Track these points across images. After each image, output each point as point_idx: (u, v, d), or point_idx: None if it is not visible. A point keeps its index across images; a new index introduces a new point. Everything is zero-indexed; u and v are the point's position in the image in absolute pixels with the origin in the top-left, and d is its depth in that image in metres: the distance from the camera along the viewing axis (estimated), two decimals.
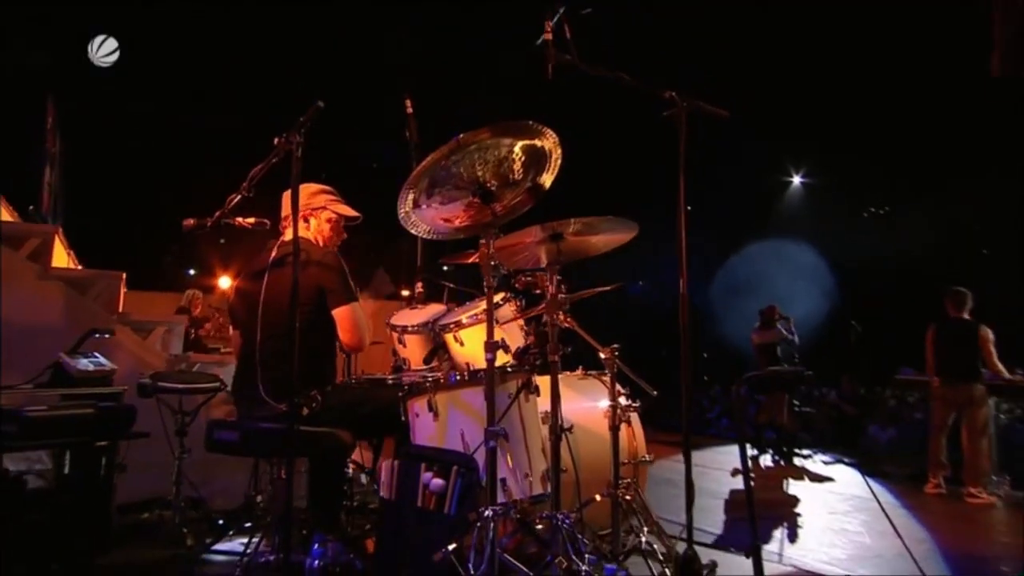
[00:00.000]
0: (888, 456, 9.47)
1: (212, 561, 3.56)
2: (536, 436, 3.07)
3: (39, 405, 3.14)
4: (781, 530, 6.16)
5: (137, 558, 3.63)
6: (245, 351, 3.39)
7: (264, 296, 3.32)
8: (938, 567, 5.41)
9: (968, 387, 7.21)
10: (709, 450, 10.28)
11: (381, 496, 3.03)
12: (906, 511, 6.90)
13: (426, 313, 4.25)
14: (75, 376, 3.44)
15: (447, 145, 2.89)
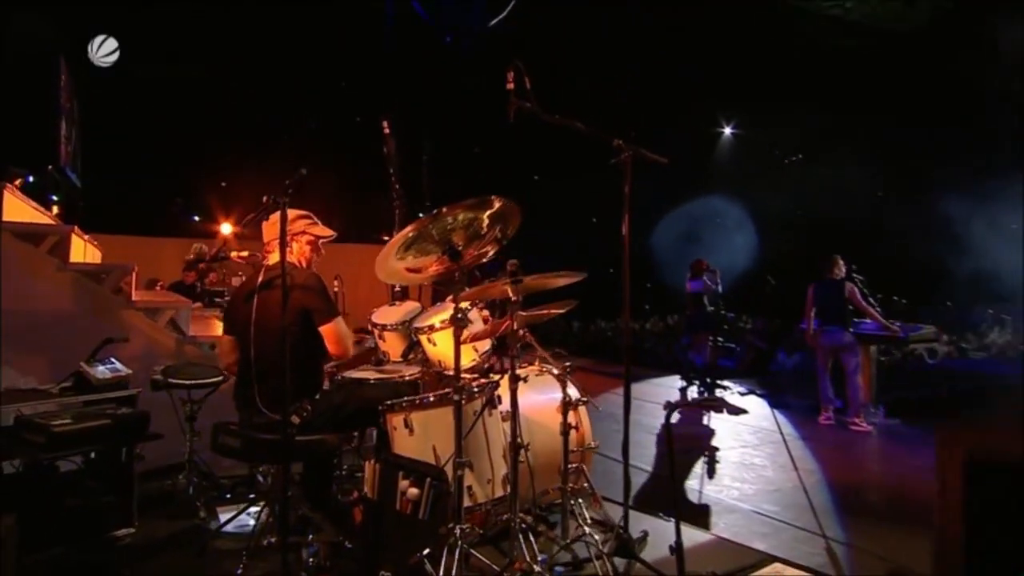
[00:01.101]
0: (792, 385, 9.70)
1: (223, 534, 3.59)
2: (498, 444, 3.14)
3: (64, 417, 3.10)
4: (701, 465, 6.36)
5: (157, 532, 3.62)
6: (242, 365, 3.36)
7: (255, 317, 3.27)
8: (824, 498, 5.61)
9: (838, 334, 7.57)
10: (646, 382, 10.42)
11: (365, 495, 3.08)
12: (803, 442, 7.15)
13: (403, 311, 4.23)
14: (95, 383, 3.41)
15: (428, 216, 2.93)
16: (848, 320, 7.54)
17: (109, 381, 3.44)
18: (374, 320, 4.14)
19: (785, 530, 4.87)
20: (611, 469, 3.82)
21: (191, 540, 3.58)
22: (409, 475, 2.87)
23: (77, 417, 3.12)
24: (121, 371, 3.54)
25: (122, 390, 3.50)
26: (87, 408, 3.28)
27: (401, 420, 3.01)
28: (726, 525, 4.95)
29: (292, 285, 3.16)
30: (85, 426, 3.08)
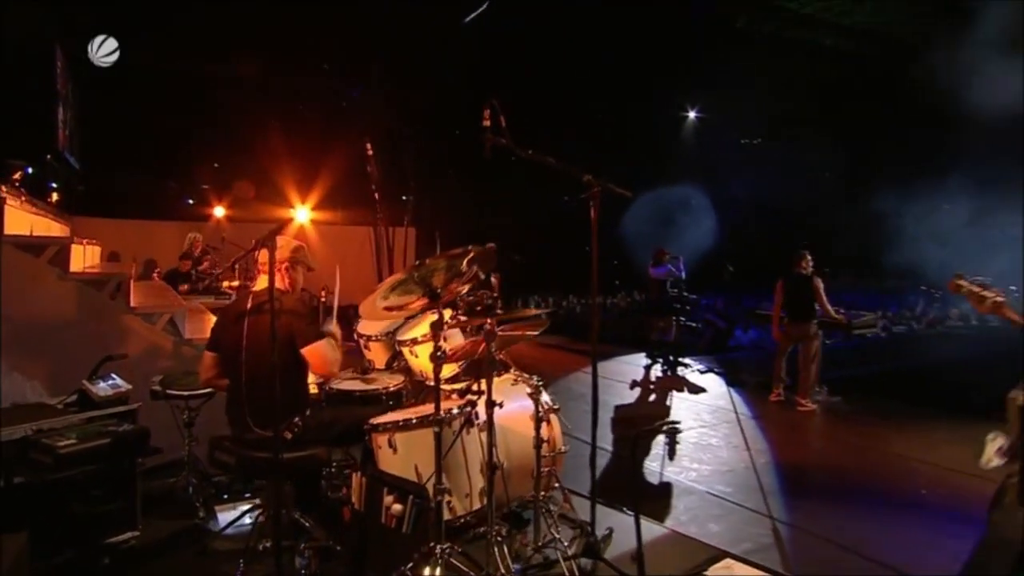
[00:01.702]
0: (747, 362, 9.85)
1: (222, 535, 3.61)
2: (475, 459, 3.17)
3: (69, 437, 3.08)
4: (662, 446, 6.45)
5: (159, 534, 3.62)
6: (232, 385, 3.32)
7: (247, 342, 3.23)
8: (772, 478, 5.71)
9: (805, 325, 7.64)
10: (614, 359, 10.49)
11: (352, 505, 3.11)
12: (755, 421, 7.29)
13: (387, 321, 4.22)
14: (97, 400, 3.38)
15: (412, 265, 3.02)
16: (814, 312, 7.64)
17: (110, 398, 3.42)
18: (360, 331, 4.14)
19: (736, 512, 4.99)
20: (581, 452, 3.83)
21: (192, 541, 3.60)
22: (393, 491, 2.90)
23: (82, 437, 3.08)
24: (121, 387, 3.52)
25: (123, 405, 3.46)
26: (91, 426, 3.23)
27: (386, 440, 3.04)
28: (684, 508, 5.07)
29: (280, 310, 3.14)
30: (89, 446, 3.05)
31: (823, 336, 8.06)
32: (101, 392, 3.40)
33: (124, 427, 3.27)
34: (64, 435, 3.11)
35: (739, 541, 4.54)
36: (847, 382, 8.36)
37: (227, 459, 3.15)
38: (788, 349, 7.86)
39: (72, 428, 3.20)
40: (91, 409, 3.36)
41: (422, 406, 3.38)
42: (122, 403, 3.46)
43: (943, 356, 10.03)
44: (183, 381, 3.87)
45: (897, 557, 4.27)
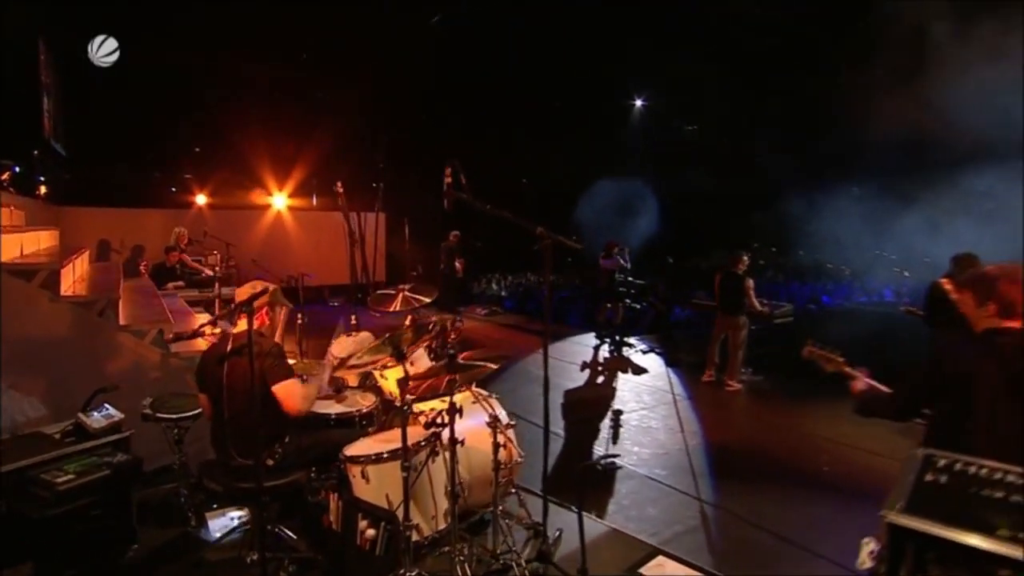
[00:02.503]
0: (684, 342, 10.07)
1: (214, 544, 3.64)
2: (440, 483, 3.25)
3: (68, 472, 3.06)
4: (607, 430, 6.63)
5: (154, 544, 3.61)
6: (216, 420, 3.32)
7: (227, 382, 3.23)
8: (702, 459, 5.90)
9: (735, 318, 7.89)
10: (566, 340, 10.62)
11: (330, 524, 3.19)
12: (689, 402, 7.52)
13: (358, 342, 4.24)
14: (92, 432, 3.36)
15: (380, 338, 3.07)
16: (743, 306, 7.87)
17: (105, 428, 3.39)
18: (333, 352, 4.15)
19: (671, 495, 5.19)
20: (536, 438, 3.80)
21: (186, 551, 3.61)
22: (367, 516, 2.99)
23: (80, 471, 3.07)
24: (114, 416, 3.49)
25: (117, 433, 3.45)
26: (88, 459, 3.21)
27: (359, 471, 3.10)
28: (627, 491, 5.22)
29: (259, 354, 3.16)
30: (87, 480, 3.04)
31: (749, 324, 8.33)
32: (95, 424, 3.37)
33: (119, 458, 3.25)
34: (63, 469, 3.09)
35: (672, 523, 4.75)
36: (766, 359, 8.62)
37: (216, 487, 3.18)
38: (721, 337, 8.13)
39: (70, 460, 3.18)
40: (87, 440, 3.33)
41: (391, 431, 3.43)
42: (116, 431, 3.44)
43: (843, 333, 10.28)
44: (172, 403, 3.85)
45: (802, 534, 4.48)
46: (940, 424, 2.78)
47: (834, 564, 4.17)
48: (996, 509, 1.70)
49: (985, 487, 1.77)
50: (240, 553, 3.41)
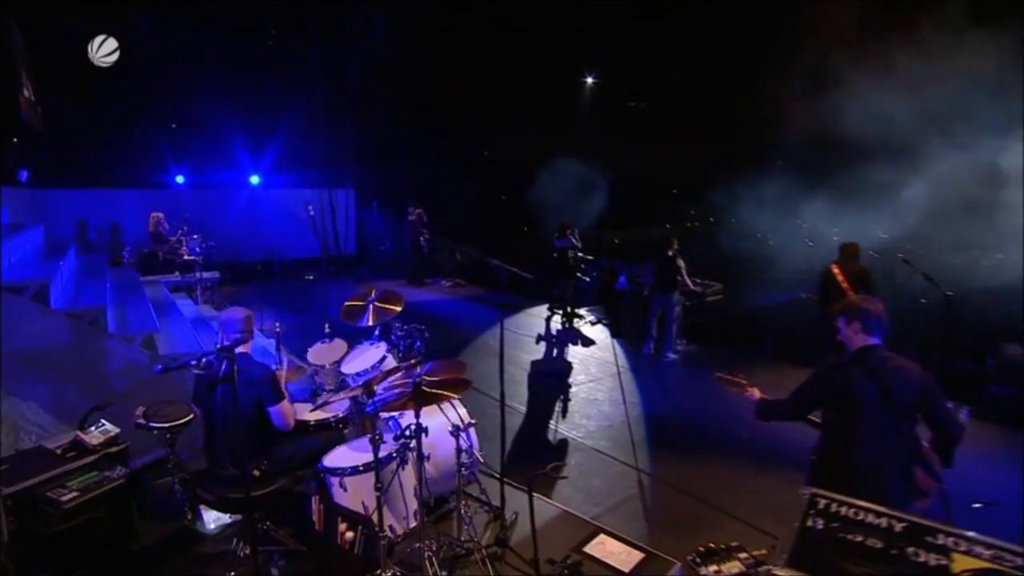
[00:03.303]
0: (627, 312, 10.24)
1: (209, 537, 3.73)
2: (410, 486, 3.40)
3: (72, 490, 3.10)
4: (559, 404, 6.85)
5: (154, 538, 3.66)
6: (208, 435, 3.38)
7: (219, 407, 3.28)
8: (642, 430, 6.16)
9: (668, 295, 8.18)
10: (523, 313, 10.77)
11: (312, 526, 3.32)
12: (632, 374, 7.81)
13: (333, 351, 4.30)
14: (91, 447, 3.38)
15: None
16: (676, 286, 8.14)
17: (103, 443, 3.42)
18: (310, 360, 4.21)
19: (614, 465, 5.44)
20: (496, 412, 3.95)
21: (184, 544, 3.69)
22: (346, 520, 3.14)
23: (83, 488, 3.11)
24: (111, 431, 3.50)
25: (115, 446, 3.48)
26: (89, 475, 3.23)
27: (337, 481, 3.23)
28: (576, 464, 5.44)
29: (251, 381, 3.23)
30: (90, 497, 3.09)
31: (683, 300, 8.63)
32: (94, 440, 3.39)
33: (119, 471, 3.30)
34: (66, 486, 3.13)
35: (614, 493, 5.02)
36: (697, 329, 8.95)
37: (209, 497, 3.27)
38: (657, 313, 8.41)
39: (72, 476, 3.21)
40: (87, 455, 3.36)
41: (365, 438, 3.52)
42: (114, 445, 3.47)
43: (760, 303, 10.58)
44: (164, 412, 3.86)
45: (720, 498, 4.80)
46: (830, 431, 3.09)
47: (746, 524, 4.52)
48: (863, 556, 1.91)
49: (855, 532, 1.97)
50: (234, 546, 3.52)
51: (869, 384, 2.94)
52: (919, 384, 2.98)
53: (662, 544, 4.16)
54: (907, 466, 3.03)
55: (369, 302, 4.29)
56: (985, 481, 5.07)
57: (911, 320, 9.00)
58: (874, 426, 2.92)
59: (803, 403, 3.12)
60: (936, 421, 2.99)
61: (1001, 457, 5.65)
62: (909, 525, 1.90)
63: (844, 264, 6.30)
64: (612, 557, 3.55)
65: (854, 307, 3.08)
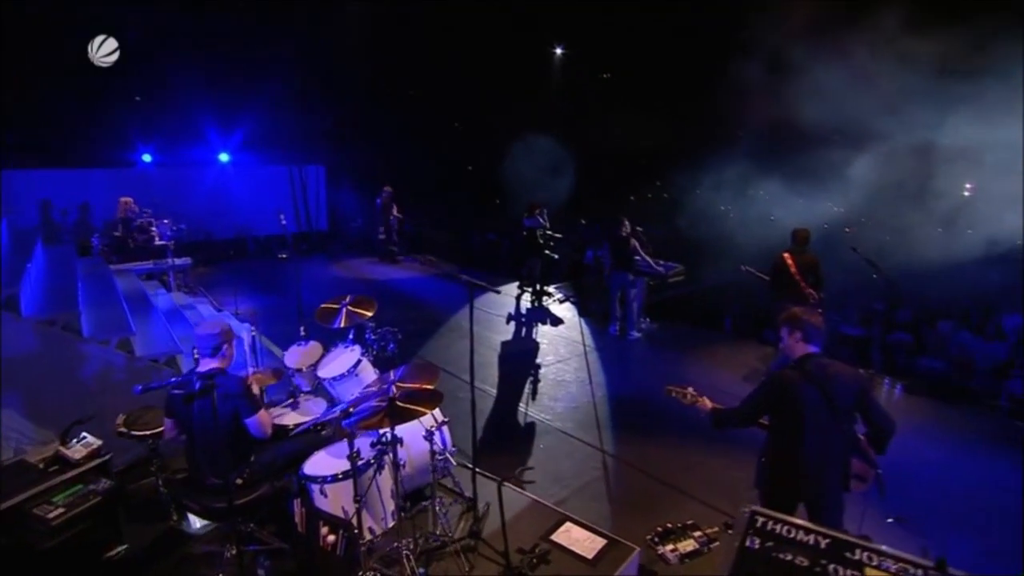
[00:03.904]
0: (593, 289, 10.39)
1: (196, 537, 3.77)
2: (387, 487, 3.49)
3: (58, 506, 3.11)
4: (528, 385, 6.99)
5: (141, 541, 3.67)
6: (188, 448, 3.39)
7: (196, 422, 3.28)
8: (607, 411, 6.32)
9: (624, 274, 8.33)
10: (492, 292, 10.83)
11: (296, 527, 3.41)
12: (597, 353, 7.99)
13: (309, 353, 4.31)
14: (73, 462, 3.38)
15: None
16: (632, 265, 8.28)
17: (86, 457, 3.41)
18: (287, 363, 4.22)
19: (580, 449, 5.59)
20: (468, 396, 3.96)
21: (172, 546, 3.71)
22: (327, 524, 3.23)
23: (69, 504, 3.11)
24: (93, 443, 3.48)
25: (98, 459, 3.47)
26: (74, 489, 3.23)
27: (318, 488, 3.30)
28: (544, 447, 5.61)
29: (227, 395, 3.24)
30: (77, 512, 3.10)
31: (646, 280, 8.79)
32: (76, 454, 3.38)
33: (103, 484, 3.31)
34: (52, 502, 3.13)
35: (580, 475, 5.20)
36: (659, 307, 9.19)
37: (194, 507, 3.32)
38: (618, 292, 8.57)
39: (57, 491, 3.21)
40: (71, 469, 3.35)
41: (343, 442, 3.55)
42: (96, 457, 3.47)
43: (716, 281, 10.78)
44: (144, 419, 3.86)
45: (678, 478, 5.03)
46: (777, 434, 3.28)
47: (701, 503, 4.78)
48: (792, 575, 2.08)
49: (787, 551, 2.14)
50: (221, 547, 3.58)
51: (812, 390, 3.12)
52: (856, 387, 3.18)
53: (624, 526, 4.39)
54: (847, 460, 3.25)
55: (343, 306, 4.30)
56: (916, 455, 5.45)
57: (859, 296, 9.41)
58: (818, 428, 3.12)
59: (754, 411, 3.29)
60: (872, 418, 3.20)
61: (931, 430, 6.00)
62: (832, 541, 2.07)
63: (796, 253, 6.48)
64: (577, 544, 3.73)
65: (796, 319, 3.24)
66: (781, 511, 3.21)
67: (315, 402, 4.11)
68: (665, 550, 4.19)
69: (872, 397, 3.21)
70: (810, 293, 6.38)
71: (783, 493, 3.25)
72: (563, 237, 11.11)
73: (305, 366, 4.16)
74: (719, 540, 4.28)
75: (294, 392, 4.20)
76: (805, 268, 6.38)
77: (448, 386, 6.72)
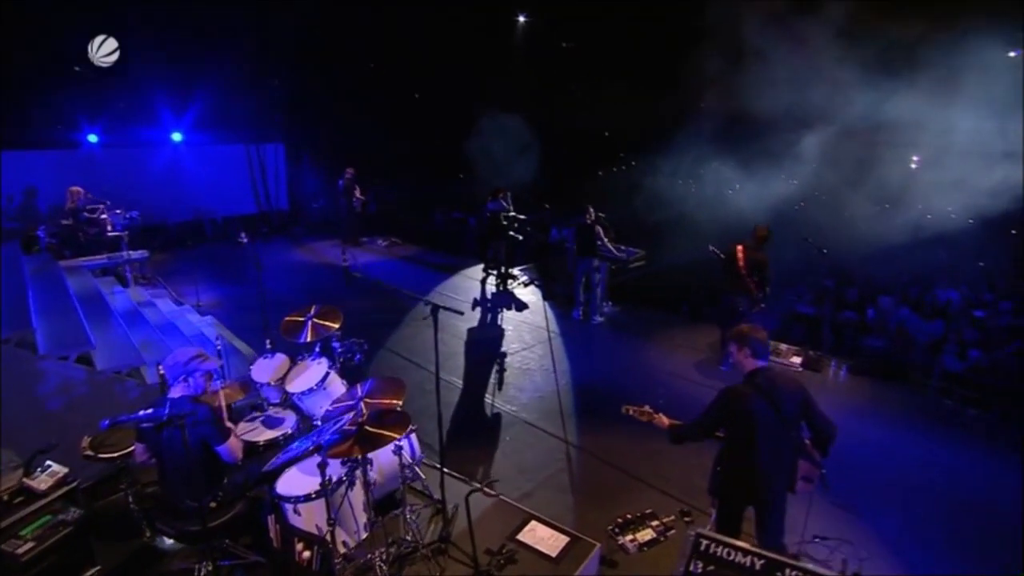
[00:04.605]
0: (557, 272, 10.52)
1: (170, 553, 3.79)
2: (359, 502, 3.59)
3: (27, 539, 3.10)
4: (494, 375, 7.12)
5: (115, 560, 3.67)
6: (160, 474, 3.41)
7: (166, 449, 3.29)
8: (571, 399, 6.48)
9: (589, 260, 8.48)
10: (458, 275, 10.87)
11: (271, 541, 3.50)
12: (561, 338, 8.15)
13: (276, 367, 4.33)
14: (40, 493, 3.35)
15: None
16: (596, 251, 8.42)
17: (52, 487, 3.37)
18: (253, 377, 4.23)
19: (545, 440, 5.75)
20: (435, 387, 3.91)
21: (143, 564, 3.74)
22: (302, 540, 3.34)
23: (39, 536, 3.09)
24: (59, 472, 3.44)
25: (65, 486, 3.45)
26: (43, 519, 3.20)
27: (292, 507, 3.38)
28: (511, 439, 5.76)
29: (196, 422, 3.26)
30: (46, 546, 3.07)
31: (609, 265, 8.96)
32: (42, 485, 3.35)
33: (72, 514, 3.30)
34: (20, 535, 3.12)
35: (545, 466, 5.39)
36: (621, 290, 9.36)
37: (169, 531, 3.36)
38: (582, 278, 8.73)
39: (26, 524, 3.20)
40: (38, 499, 3.33)
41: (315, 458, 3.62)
42: (64, 485, 3.45)
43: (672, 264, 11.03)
44: (110, 440, 3.83)
45: (639, 467, 5.27)
46: (732, 444, 3.49)
47: (659, 491, 5.04)
48: None
49: (727, 573, 2.34)
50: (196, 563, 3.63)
51: (762, 403, 3.32)
52: (801, 397, 3.40)
53: (587, 517, 4.64)
54: (794, 465, 3.50)
55: (308, 318, 4.31)
56: (858, 436, 5.83)
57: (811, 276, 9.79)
58: (769, 438, 3.33)
59: (710, 425, 3.48)
60: (815, 424, 3.44)
61: (871, 411, 6.40)
62: (766, 562, 2.28)
63: (749, 248, 6.65)
64: (542, 543, 3.92)
65: (743, 336, 3.42)
66: (734, 514, 3.51)
67: (284, 414, 4.15)
68: (625, 540, 4.45)
69: (814, 404, 3.44)
70: (751, 289, 6.58)
71: (737, 498, 3.52)
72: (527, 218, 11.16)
73: (273, 380, 4.18)
74: (675, 528, 4.57)
75: (263, 405, 4.22)
76: (752, 265, 6.57)
77: (416, 378, 6.88)
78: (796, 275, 9.80)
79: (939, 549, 4.41)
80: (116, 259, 8.12)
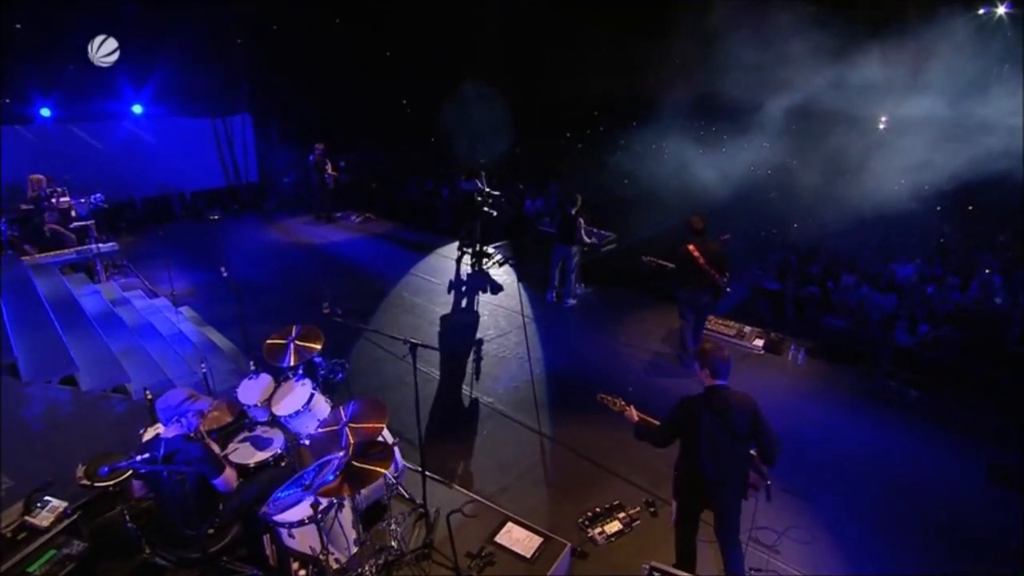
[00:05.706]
0: (533, 252, 10.66)
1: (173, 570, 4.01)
2: (347, 520, 3.86)
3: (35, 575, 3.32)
4: (471, 364, 7.34)
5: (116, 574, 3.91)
6: (157, 504, 3.60)
7: (164, 485, 3.46)
8: (544, 388, 6.72)
9: (568, 247, 8.66)
10: (433, 254, 10.94)
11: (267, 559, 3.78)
12: (536, 324, 8.39)
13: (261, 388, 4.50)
14: (42, 529, 3.52)
15: None
16: (575, 239, 8.59)
17: (53, 522, 3.53)
18: (240, 399, 4.40)
19: (520, 433, 6.01)
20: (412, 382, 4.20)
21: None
22: (297, 559, 3.63)
23: (47, 574, 3.27)
24: (58, 507, 3.61)
25: (66, 520, 3.62)
26: (48, 555, 3.35)
27: (286, 532, 3.64)
28: (488, 432, 6.02)
29: (189, 460, 3.46)
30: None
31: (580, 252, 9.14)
32: (43, 521, 3.53)
33: (76, 548, 3.49)
34: (28, 573, 3.30)
35: (521, 459, 5.70)
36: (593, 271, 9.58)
37: (169, 558, 3.60)
38: (558, 263, 8.93)
39: (32, 561, 3.38)
40: (40, 535, 3.50)
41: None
42: (65, 519, 3.63)
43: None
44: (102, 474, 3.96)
45: (607, 457, 5.59)
46: (684, 453, 3.85)
47: (625, 481, 5.42)
48: None
49: None
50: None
51: (712, 417, 3.67)
52: (751, 414, 3.74)
53: (559, 510, 5.01)
54: (745, 475, 3.88)
55: (290, 341, 4.47)
56: (813, 421, 6.29)
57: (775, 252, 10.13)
58: (715, 450, 3.69)
59: (667, 434, 3.84)
60: (762, 440, 3.79)
61: (825, 395, 6.84)
62: None
63: (700, 243, 6.73)
64: (518, 544, 4.29)
65: (705, 356, 3.73)
66: (693, 516, 3.92)
67: (272, 434, 4.34)
68: (594, 532, 4.86)
69: (764, 422, 3.78)
70: (717, 281, 6.74)
71: (693, 502, 3.92)
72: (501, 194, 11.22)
73: (258, 401, 4.36)
74: (640, 520, 4.99)
75: (250, 425, 4.41)
76: (711, 257, 6.62)
77: (396, 371, 7.07)
78: (763, 250, 10.12)
79: (869, 528, 4.91)
80: (85, 253, 8.00)
